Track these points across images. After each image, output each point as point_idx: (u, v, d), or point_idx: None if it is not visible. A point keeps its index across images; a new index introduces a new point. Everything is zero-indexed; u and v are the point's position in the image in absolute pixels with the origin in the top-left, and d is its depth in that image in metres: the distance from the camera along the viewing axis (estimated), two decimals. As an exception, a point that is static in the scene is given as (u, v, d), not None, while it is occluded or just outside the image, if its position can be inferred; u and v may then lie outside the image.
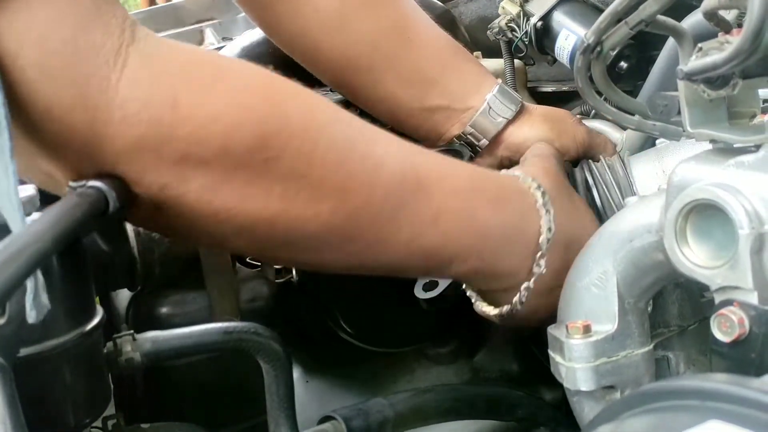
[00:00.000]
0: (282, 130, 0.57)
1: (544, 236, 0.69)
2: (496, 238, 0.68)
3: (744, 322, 0.51)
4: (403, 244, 0.64)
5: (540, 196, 0.70)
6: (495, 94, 0.85)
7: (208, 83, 0.55)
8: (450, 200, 0.66)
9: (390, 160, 0.64)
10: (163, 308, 0.80)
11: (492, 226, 0.68)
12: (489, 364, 1.04)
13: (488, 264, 0.69)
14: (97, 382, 0.62)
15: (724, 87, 0.56)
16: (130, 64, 0.51)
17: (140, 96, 0.51)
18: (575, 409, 0.67)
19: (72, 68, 0.49)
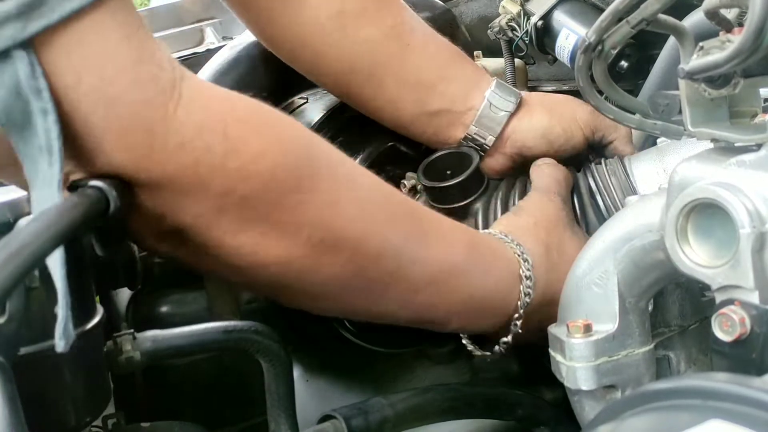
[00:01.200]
0: (314, 175, 0.60)
1: (522, 301, 0.72)
2: (481, 303, 0.72)
3: (745, 321, 0.51)
4: (399, 299, 0.67)
5: (522, 263, 0.73)
6: (493, 90, 0.86)
7: (254, 122, 0.58)
8: (448, 264, 0.69)
9: (399, 219, 0.67)
10: (163, 307, 0.80)
11: (479, 293, 0.72)
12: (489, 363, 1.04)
13: (471, 324, 0.75)
14: (97, 381, 0.62)
15: (725, 86, 0.56)
16: (184, 95, 0.53)
17: (196, 124, 0.53)
18: (576, 408, 0.67)
19: (130, 94, 0.51)
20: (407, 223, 0.67)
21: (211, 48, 1.40)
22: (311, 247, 0.60)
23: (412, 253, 0.66)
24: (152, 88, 0.52)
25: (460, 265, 0.70)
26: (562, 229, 0.78)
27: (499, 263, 0.72)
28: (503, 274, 0.72)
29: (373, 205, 0.65)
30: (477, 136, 0.86)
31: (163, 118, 0.52)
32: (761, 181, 0.51)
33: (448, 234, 0.71)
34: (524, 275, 0.72)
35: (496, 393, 0.81)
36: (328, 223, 0.61)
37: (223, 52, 0.96)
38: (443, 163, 0.87)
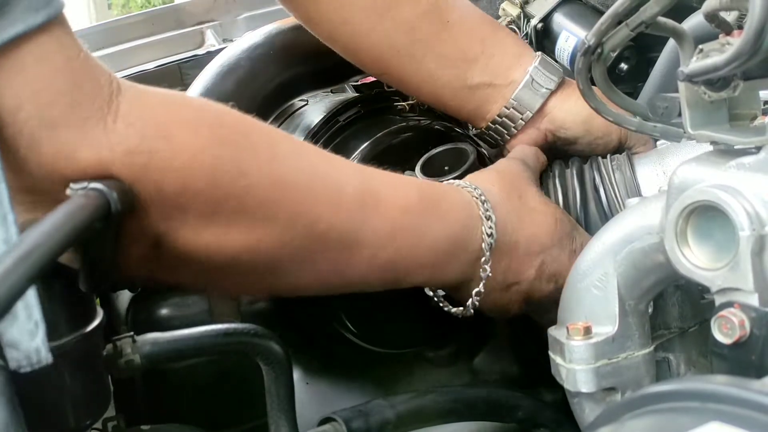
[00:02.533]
0: (255, 159, 0.62)
1: (486, 242, 0.73)
2: (444, 250, 0.73)
3: (745, 323, 0.51)
4: (365, 261, 0.69)
5: (480, 204, 0.73)
6: (537, 66, 0.86)
7: (192, 119, 0.60)
8: (404, 217, 0.70)
9: (349, 183, 0.68)
10: (162, 310, 0.80)
11: (440, 240, 0.72)
12: (489, 366, 1.04)
13: (438, 274, 0.74)
14: (97, 384, 0.62)
15: (724, 88, 0.56)
16: (122, 108, 0.55)
17: (137, 131, 0.56)
18: (575, 410, 0.67)
19: (70, 115, 0.53)
20: (355, 187, 0.68)
21: (212, 50, 1.40)
22: (270, 227, 0.62)
23: (366, 214, 0.68)
24: (90, 106, 0.54)
25: (414, 219, 0.71)
26: (523, 181, 0.79)
27: (455, 207, 0.73)
28: (460, 216, 0.73)
29: (317, 175, 0.66)
30: (515, 110, 0.86)
31: (104, 131, 0.54)
32: (761, 184, 0.51)
33: (399, 188, 0.72)
34: (484, 215, 0.73)
35: (496, 395, 0.81)
36: (279, 202, 0.63)
37: (223, 55, 0.96)
38: (440, 159, 0.87)
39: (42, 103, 0.52)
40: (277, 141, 0.67)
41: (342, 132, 0.93)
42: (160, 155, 0.56)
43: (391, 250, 0.70)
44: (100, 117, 0.54)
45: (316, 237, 0.65)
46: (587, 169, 0.84)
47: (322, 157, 0.70)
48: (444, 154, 0.87)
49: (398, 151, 0.91)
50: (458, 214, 0.73)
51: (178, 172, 0.57)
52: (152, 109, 0.58)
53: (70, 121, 0.53)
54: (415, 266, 0.72)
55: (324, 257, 0.67)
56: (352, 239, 0.67)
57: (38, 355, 0.49)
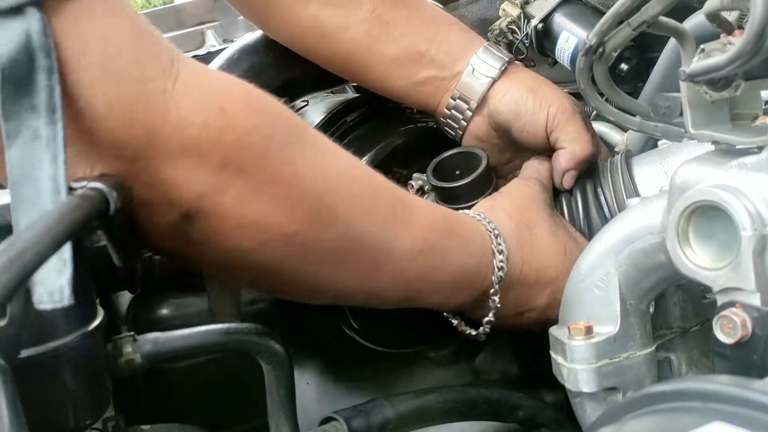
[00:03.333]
0: (300, 150, 0.62)
1: (496, 276, 0.75)
2: (461, 276, 0.74)
3: (746, 323, 0.51)
4: (391, 275, 0.69)
5: (493, 238, 0.75)
6: (478, 55, 0.87)
7: (246, 99, 0.60)
8: (432, 236, 0.71)
9: (386, 191, 0.70)
10: (163, 310, 0.80)
11: (459, 265, 0.73)
12: (490, 365, 1.04)
13: (452, 298, 0.76)
14: (97, 384, 0.62)
15: (726, 88, 0.56)
16: (182, 75, 0.55)
17: (193, 101, 0.55)
18: (577, 410, 0.67)
19: (134, 69, 0.53)
20: (390, 198, 0.70)
21: (212, 51, 1.40)
22: (310, 218, 0.62)
23: (399, 226, 0.68)
24: (153, 65, 0.54)
25: (440, 241, 0.72)
26: (536, 209, 0.80)
27: (474, 238, 0.75)
28: (477, 249, 0.74)
29: (356, 180, 0.68)
30: (461, 100, 0.88)
31: (163, 93, 0.54)
32: (762, 184, 0.51)
33: (427, 211, 0.73)
34: (497, 250, 0.75)
35: (497, 395, 0.81)
36: (322, 197, 0.63)
37: (224, 55, 0.96)
38: (452, 163, 0.87)
39: (109, 51, 0.52)
40: (321, 138, 0.68)
41: (350, 132, 0.93)
42: (212, 126, 0.56)
43: (417, 267, 0.70)
44: (162, 78, 0.54)
45: (351, 240, 0.65)
46: (585, 175, 0.84)
47: (359, 163, 0.72)
48: (455, 158, 0.87)
49: (407, 152, 0.91)
50: (475, 246, 0.74)
51: (229, 146, 0.57)
52: (210, 82, 0.59)
53: (132, 74, 0.53)
54: (433, 288, 0.73)
55: (356, 263, 0.67)
56: (384, 250, 0.67)
57: (61, 294, 0.48)
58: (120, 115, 0.53)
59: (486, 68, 0.87)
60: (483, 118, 0.88)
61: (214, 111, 0.56)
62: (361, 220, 0.66)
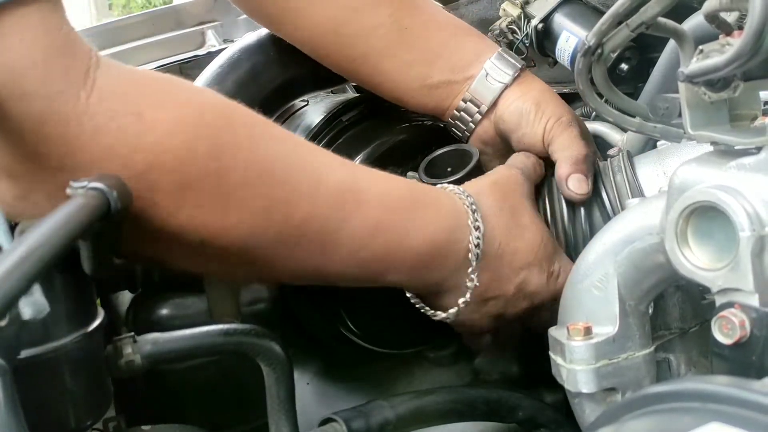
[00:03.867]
0: (232, 142, 0.62)
1: (473, 252, 0.73)
2: (427, 253, 0.73)
3: (745, 324, 0.51)
4: (343, 258, 0.69)
5: (471, 213, 0.74)
6: (493, 60, 0.88)
7: (168, 99, 0.61)
8: (388, 216, 0.70)
9: (331, 175, 0.69)
10: (163, 311, 0.80)
11: (423, 243, 0.72)
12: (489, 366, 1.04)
13: (417, 277, 0.75)
14: (97, 384, 0.62)
15: (725, 89, 0.56)
16: (98, 83, 0.56)
17: (109, 108, 0.56)
18: (576, 411, 0.67)
19: (42, 87, 0.54)
20: (338, 181, 0.69)
21: (212, 51, 1.40)
22: (244, 211, 0.62)
23: (347, 210, 0.68)
24: (63, 79, 0.54)
25: (398, 220, 0.71)
26: (519, 195, 0.79)
27: (444, 212, 0.74)
28: (448, 223, 0.73)
29: (297, 164, 0.67)
30: (471, 104, 0.88)
31: (75, 106, 0.54)
32: (761, 184, 0.51)
33: (384, 186, 0.72)
34: (473, 225, 0.74)
35: (496, 395, 0.81)
36: (255, 188, 0.63)
37: (224, 55, 0.96)
38: (443, 160, 0.87)
39: (15, 73, 0.52)
40: (258, 126, 0.67)
41: (345, 132, 0.93)
42: (129, 132, 0.56)
43: (371, 248, 0.70)
44: (74, 91, 0.54)
45: (293, 228, 0.65)
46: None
47: (305, 147, 0.71)
48: (447, 155, 0.88)
49: (402, 151, 0.92)
50: (445, 220, 0.73)
51: (146, 151, 0.57)
52: (128, 86, 0.58)
53: (39, 93, 0.53)
54: (393, 266, 0.72)
55: (301, 249, 0.67)
56: (331, 235, 0.67)
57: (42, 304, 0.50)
58: (34, 132, 0.54)
59: (499, 74, 0.87)
60: (490, 123, 0.89)
61: (130, 116, 0.57)
62: (300, 205, 0.65)
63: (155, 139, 0.57)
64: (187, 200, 0.60)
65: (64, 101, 0.54)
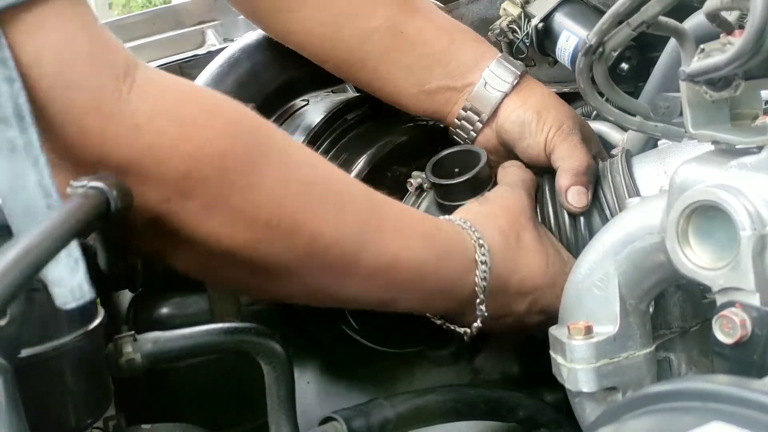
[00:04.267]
0: (265, 159, 0.63)
1: (480, 286, 0.75)
2: (438, 287, 0.75)
3: (746, 323, 0.51)
4: (361, 283, 0.70)
5: (479, 248, 0.75)
6: (491, 69, 0.87)
7: (207, 109, 0.61)
8: (404, 249, 0.71)
9: (356, 196, 0.70)
10: (163, 310, 0.80)
11: (436, 277, 0.74)
12: (490, 365, 1.04)
13: (429, 306, 0.78)
14: (98, 383, 0.62)
15: (726, 88, 0.56)
16: (137, 81, 0.56)
17: (149, 108, 0.56)
18: (576, 410, 0.67)
19: (87, 78, 0.54)
20: (362, 209, 0.69)
21: (212, 50, 1.40)
22: (270, 230, 0.62)
23: (367, 240, 0.68)
24: (107, 72, 0.54)
25: (417, 253, 0.72)
26: (524, 219, 0.80)
27: (455, 249, 0.75)
28: (458, 260, 0.74)
29: (326, 190, 0.68)
30: (472, 112, 0.88)
31: (118, 101, 0.54)
32: (762, 184, 0.51)
33: (406, 221, 0.73)
34: (480, 260, 0.75)
35: (497, 395, 0.81)
36: (282, 206, 0.63)
37: (224, 55, 0.96)
38: (451, 161, 0.87)
39: (62, 60, 0.52)
40: (291, 148, 0.67)
41: (348, 132, 0.93)
42: (168, 136, 0.56)
43: (388, 277, 0.71)
44: (116, 86, 0.54)
45: (317, 250, 0.65)
46: None
47: (334, 173, 0.71)
48: (455, 156, 0.87)
49: (407, 150, 0.91)
50: (457, 258, 0.75)
51: (184, 156, 0.57)
52: (168, 90, 0.59)
53: (85, 83, 0.53)
54: (407, 296, 0.74)
55: (323, 272, 0.67)
56: (352, 260, 0.68)
57: (81, 290, 0.50)
58: (75, 123, 0.54)
59: (498, 82, 0.87)
60: (492, 131, 0.89)
61: (171, 120, 0.57)
62: (326, 230, 0.65)
63: (195, 146, 0.58)
64: (217, 211, 0.60)
65: (108, 94, 0.54)
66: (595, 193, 0.82)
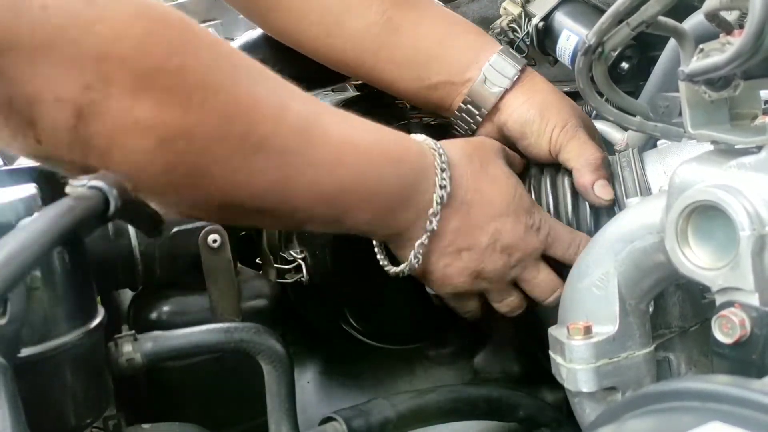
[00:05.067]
0: (195, 43, 0.61)
1: (438, 194, 0.72)
2: (390, 193, 0.72)
3: (745, 323, 0.51)
4: (306, 185, 0.67)
5: (437, 157, 0.73)
6: (491, 64, 0.86)
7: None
8: (351, 151, 0.69)
9: (297, 103, 0.67)
10: (164, 309, 0.80)
11: (387, 182, 0.72)
12: (490, 364, 1.04)
13: (382, 218, 0.73)
14: (98, 382, 0.62)
15: (725, 88, 0.56)
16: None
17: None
18: (576, 410, 0.67)
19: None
20: (303, 109, 0.68)
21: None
22: (206, 113, 0.61)
23: (311, 137, 0.67)
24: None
25: (364, 154, 0.70)
26: (492, 152, 0.79)
27: (410, 153, 0.73)
28: (414, 164, 0.73)
29: (265, 86, 0.66)
30: (471, 107, 0.87)
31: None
32: (761, 184, 0.51)
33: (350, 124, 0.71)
34: (439, 167, 0.73)
35: (497, 394, 0.81)
36: (218, 91, 0.61)
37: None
38: None
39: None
40: (225, 44, 0.66)
41: None
42: (81, 17, 0.55)
43: (335, 180, 0.68)
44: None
45: (256, 140, 0.63)
46: None
47: (272, 75, 0.68)
48: None
49: None
50: (412, 163, 0.73)
51: (99, 37, 0.56)
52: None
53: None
54: (356, 205, 0.71)
55: (260, 162, 0.65)
56: (292, 158, 0.66)
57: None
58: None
59: (498, 78, 0.86)
60: (493, 126, 0.88)
61: (81, 2, 0.55)
62: (265, 121, 0.64)
63: (109, 26, 0.56)
64: (144, 95, 0.58)
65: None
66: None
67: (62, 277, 0.58)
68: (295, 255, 0.91)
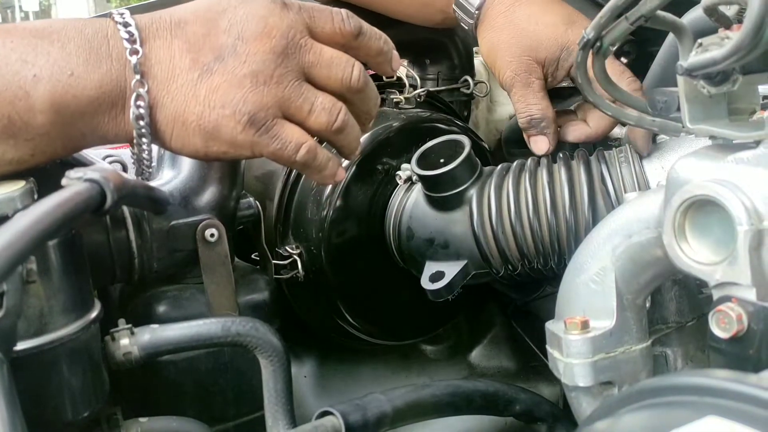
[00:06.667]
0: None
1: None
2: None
3: (742, 318, 0.51)
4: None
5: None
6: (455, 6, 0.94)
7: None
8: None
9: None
10: (160, 303, 0.80)
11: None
12: (486, 360, 1.04)
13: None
14: (94, 376, 0.62)
15: (723, 83, 0.56)
16: None
17: None
18: (573, 404, 0.67)
19: None
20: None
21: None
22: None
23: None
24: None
25: (30, 39, 0.62)
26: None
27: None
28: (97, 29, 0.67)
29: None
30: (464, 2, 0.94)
31: None
32: (759, 178, 0.51)
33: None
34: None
35: (493, 389, 0.81)
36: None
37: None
38: (436, 152, 0.87)
39: None
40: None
41: None
42: None
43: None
44: None
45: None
46: (593, 162, 0.83)
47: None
48: (440, 147, 0.87)
49: (395, 143, 0.92)
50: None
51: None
52: None
53: None
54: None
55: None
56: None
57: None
58: None
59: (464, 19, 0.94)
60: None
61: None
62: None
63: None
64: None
65: None
66: (602, 179, 0.81)
67: (58, 271, 0.58)
68: (291, 251, 0.91)
